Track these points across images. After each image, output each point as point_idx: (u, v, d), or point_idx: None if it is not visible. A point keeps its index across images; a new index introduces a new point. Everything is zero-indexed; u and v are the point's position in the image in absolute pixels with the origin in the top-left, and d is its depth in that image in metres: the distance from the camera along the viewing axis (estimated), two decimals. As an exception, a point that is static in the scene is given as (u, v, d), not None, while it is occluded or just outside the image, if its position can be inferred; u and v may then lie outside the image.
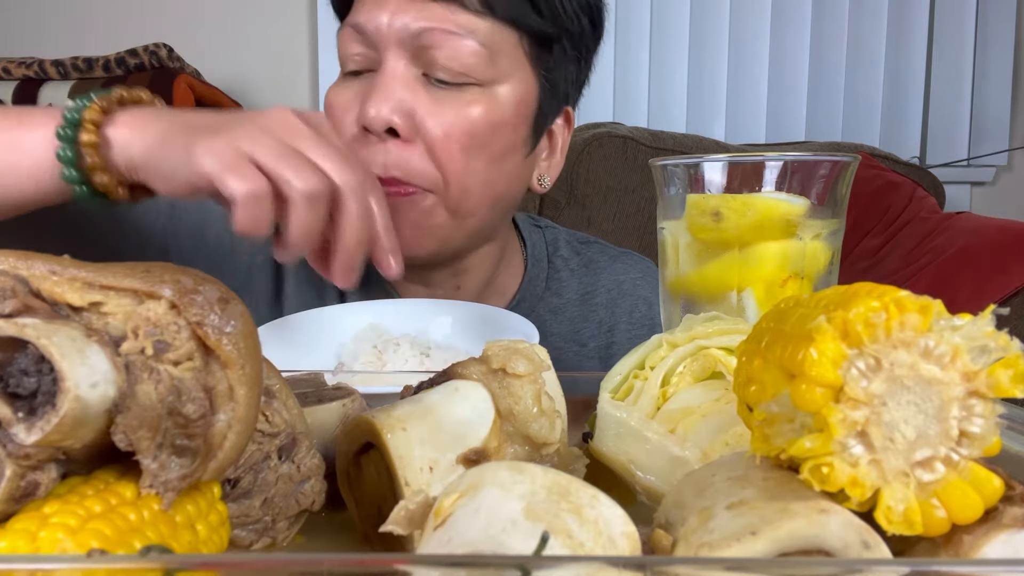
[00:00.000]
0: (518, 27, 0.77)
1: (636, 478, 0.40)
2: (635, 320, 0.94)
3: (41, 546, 0.26)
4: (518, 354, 0.40)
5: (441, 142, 0.75)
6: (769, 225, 0.53)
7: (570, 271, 0.96)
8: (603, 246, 1.00)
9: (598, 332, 0.93)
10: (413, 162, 0.75)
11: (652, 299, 0.95)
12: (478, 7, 0.74)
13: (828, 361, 0.28)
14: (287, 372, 0.43)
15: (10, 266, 0.31)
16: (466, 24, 0.74)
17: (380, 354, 0.68)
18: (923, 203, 1.94)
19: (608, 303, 0.95)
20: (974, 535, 0.29)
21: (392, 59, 0.75)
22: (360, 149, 0.76)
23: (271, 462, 0.37)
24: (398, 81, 0.75)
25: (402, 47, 0.74)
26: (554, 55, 0.80)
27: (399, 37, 0.74)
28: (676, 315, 0.57)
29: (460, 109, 0.75)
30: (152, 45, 1.87)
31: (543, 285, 0.93)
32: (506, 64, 0.77)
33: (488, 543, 0.26)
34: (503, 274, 0.92)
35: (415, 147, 0.75)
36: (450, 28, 0.73)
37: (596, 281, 0.95)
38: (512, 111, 0.78)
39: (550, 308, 0.93)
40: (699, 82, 2.29)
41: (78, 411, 0.28)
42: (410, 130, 0.74)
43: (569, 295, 0.94)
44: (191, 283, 0.31)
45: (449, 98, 0.75)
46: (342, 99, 0.78)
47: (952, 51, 2.32)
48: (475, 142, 0.76)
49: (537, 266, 0.93)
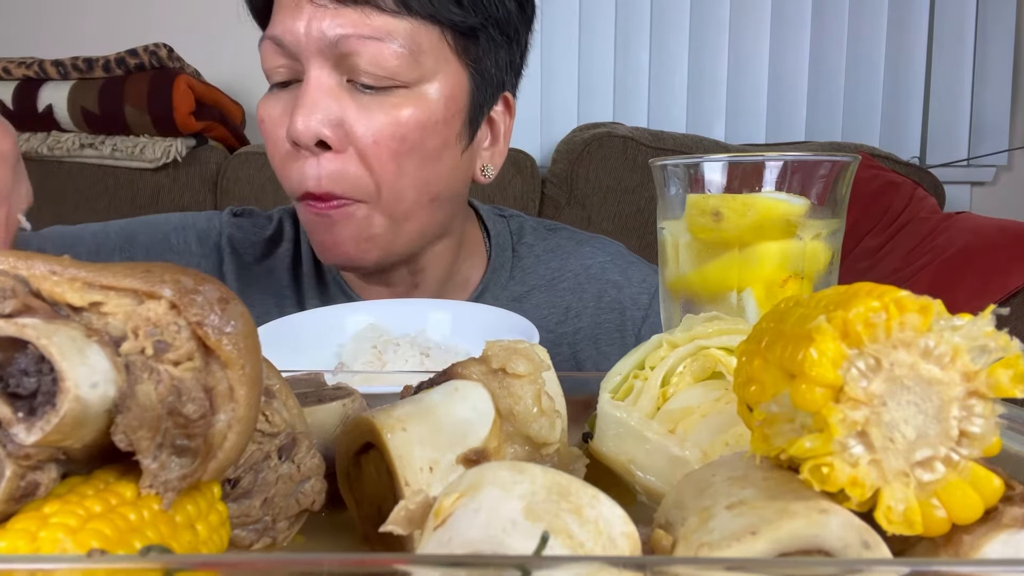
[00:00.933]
0: (439, 22, 0.75)
1: (636, 478, 0.40)
2: (603, 305, 0.93)
3: (41, 546, 0.26)
4: (518, 354, 0.40)
5: (372, 149, 0.74)
6: (769, 225, 0.53)
7: (535, 257, 0.95)
8: (571, 232, 0.99)
9: (565, 318, 0.92)
10: (346, 172, 0.75)
11: (621, 282, 0.93)
12: (394, 7, 0.73)
13: (828, 361, 0.28)
14: (287, 372, 0.43)
15: (10, 266, 0.31)
16: (384, 27, 0.72)
17: (380, 354, 0.68)
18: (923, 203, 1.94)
19: (575, 287, 0.93)
20: (974, 535, 0.29)
21: (314, 69, 0.74)
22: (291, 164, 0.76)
23: (271, 462, 0.37)
24: (322, 91, 0.73)
25: (323, 55, 0.73)
26: (481, 44, 0.79)
27: (318, 46, 0.73)
28: (676, 315, 0.57)
29: (388, 113, 0.74)
30: (152, 45, 1.87)
31: (507, 275, 0.93)
32: (431, 62, 0.75)
33: (488, 543, 0.26)
34: (463, 266, 0.91)
35: (347, 156, 0.75)
36: (367, 33, 0.72)
37: (563, 266, 0.94)
38: (442, 108, 0.77)
39: (514, 296, 0.92)
40: (699, 82, 2.29)
41: (78, 411, 0.28)
42: (340, 140, 0.74)
43: (534, 282, 0.93)
44: (191, 283, 0.31)
45: (376, 103, 0.74)
46: (272, 113, 0.77)
47: (952, 51, 2.31)
48: (405, 145, 0.75)
49: (501, 256, 0.93)
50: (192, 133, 1.93)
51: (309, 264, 0.91)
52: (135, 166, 1.92)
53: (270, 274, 0.91)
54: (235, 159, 1.93)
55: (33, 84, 1.89)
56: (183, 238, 0.91)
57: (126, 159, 1.92)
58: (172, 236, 0.91)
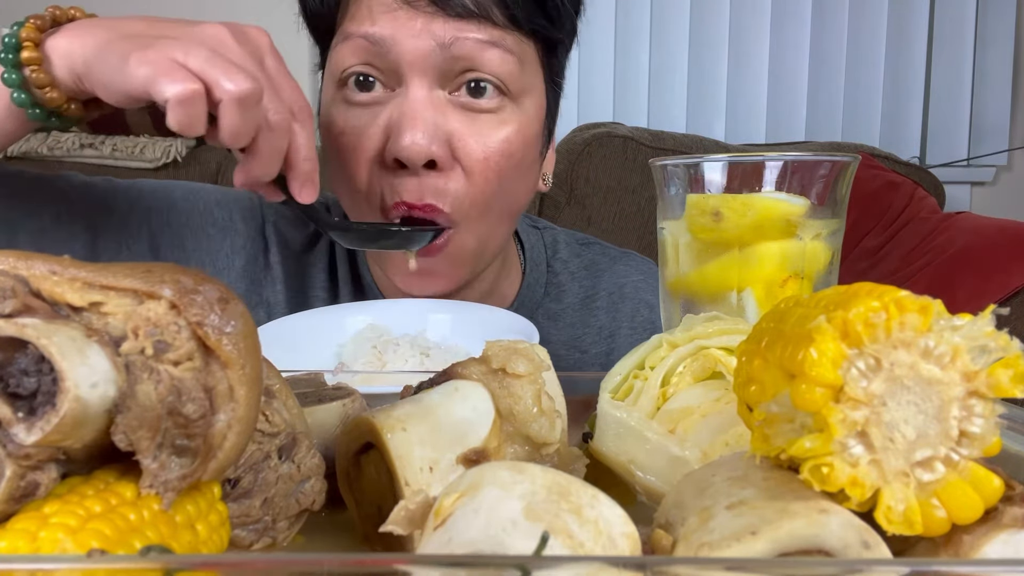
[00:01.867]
0: (536, 37, 0.75)
1: (636, 478, 0.40)
2: (637, 324, 0.92)
3: (41, 546, 0.26)
4: (518, 354, 0.40)
5: (480, 166, 0.72)
6: (769, 225, 0.53)
7: (570, 274, 0.93)
8: (603, 247, 0.98)
9: (599, 338, 0.91)
10: (447, 188, 0.72)
11: (653, 302, 0.93)
12: (504, 21, 0.71)
13: (828, 361, 0.28)
14: (287, 372, 0.43)
15: (10, 266, 0.31)
16: (498, 37, 0.71)
17: (380, 354, 0.68)
18: (923, 203, 1.94)
19: (609, 307, 0.92)
20: (974, 535, 0.29)
21: (418, 80, 0.71)
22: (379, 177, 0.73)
23: (271, 462, 0.37)
24: (430, 106, 0.71)
25: (429, 66, 0.70)
26: (558, 57, 0.79)
27: (426, 55, 0.70)
28: (676, 315, 0.57)
29: (498, 129, 0.73)
30: (152, 45, 1.87)
31: (542, 291, 0.91)
32: (529, 75, 0.75)
33: (488, 543, 0.26)
34: (504, 282, 0.89)
35: (452, 174, 0.72)
36: (485, 38, 0.71)
37: (597, 284, 0.93)
38: (536, 123, 0.77)
39: (549, 315, 0.91)
40: (699, 82, 2.30)
41: (78, 411, 0.28)
42: (446, 158, 0.71)
43: (569, 300, 0.92)
44: (191, 283, 0.31)
45: (484, 119, 0.73)
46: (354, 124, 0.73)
47: (952, 51, 2.32)
48: (512, 162, 0.74)
49: (535, 271, 0.91)
50: (192, 133, 1.93)
51: (345, 269, 0.88)
52: (135, 166, 1.92)
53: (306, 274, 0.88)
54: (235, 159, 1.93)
55: (33, 84, 1.88)
56: (227, 214, 0.86)
57: (126, 159, 1.92)
58: (215, 211, 0.86)
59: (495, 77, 0.72)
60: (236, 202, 0.87)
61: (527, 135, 0.75)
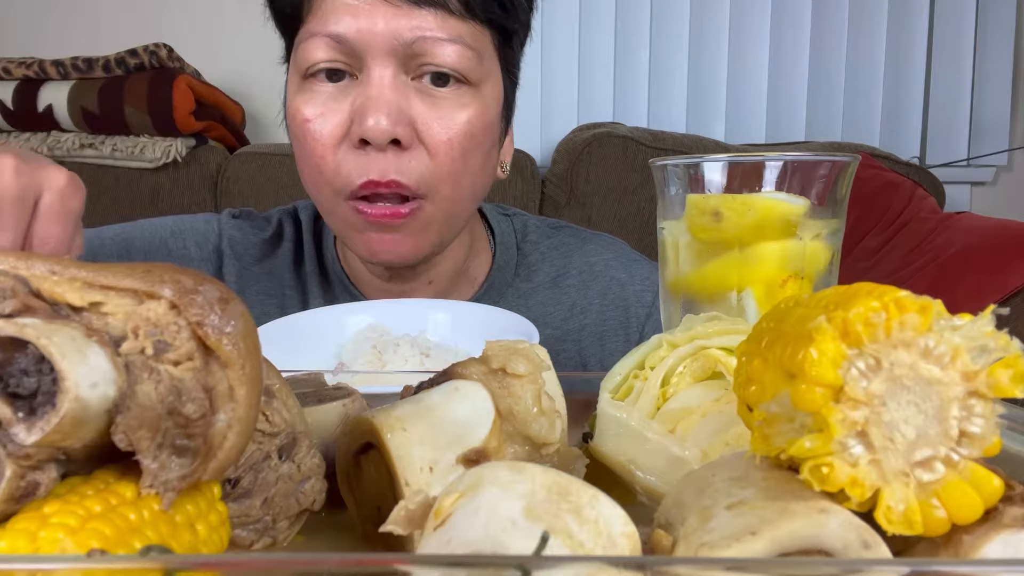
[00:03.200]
0: (492, 26, 0.79)
1: (636, 478, 0.40)
2: (608, 301, 0.94)
3: (41, 546, 0.26)
4: (518, 354, 0.40)
5: (444, 146, 0.76)
6: (769, 225, 0.53)
7: (540, 255, 0.96)
8: (575, 229, 1.01)
9: (570, 315, 0.94)
10: (412, 166, 0.76)
11: (625, 279, 0.96)
12: (461, 11, 0.75)
13: (828, 361, 0.28)
14: (287, 372, 0.43)
15: (10, 266, 0.31)
16: (454, 29, 0.75)
17: (380, 354, 0.68)
18: (923, 203, 1.94)
19: (580, 285, 0.95)
20: (974, 535, 0.29)
21: (379, 67, 0.74)
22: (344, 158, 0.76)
23: (271, 461, 0.37)
24: (393, 90, 0.74)
25: (392, 54, 0.74)
26: (513, 46, 0.83)
27: (390, 45, 0.74)
28: (676, 315, 0.57)
29: (460, 111, 0.77)
30: (152, 45, 1.87)
31: (512, 272, 0.94)
32: (486, 64, 0.79)
33: (488, 543, 0.25)
34: (472, 263, 0.93)
35: (414, 153, 0.76)
36: (443, 35, 0.74)
37: (567, 264, 0.96)
38: (495, 108, 0.81)
39: (519, 293, 0.94)
40: (699, 82, 2.29)
41: (78, 411, 0.28)
42: (410, 137, 0.75)
43: (539, 279, 0.95)
44: (191, 283, 0.31)
45: (446, 102, 0.76)
46: (320, 110, 0.76)
47: (952, 51, 2.31)
48: (473, 143, 0.78)
49: (506, 254, 0.95)
50: (192, 133, 1.93)
51: (312, 264, 0.92)
52: (135, 166, 1.92)
53: (271, 275, 0.91)
54: (235, 159, 1.93)
55: (33, 84, 1.89)
56: (181, 243, 0.91)
57: (126, 159, 1.92)
58: (170, 242, 0.91)
59: (454, 71, 0.76)
60: (191, 230, 0.92)
61: (487, 119, 0.79)
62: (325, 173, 0.78)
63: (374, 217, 0.77)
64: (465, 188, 0.80)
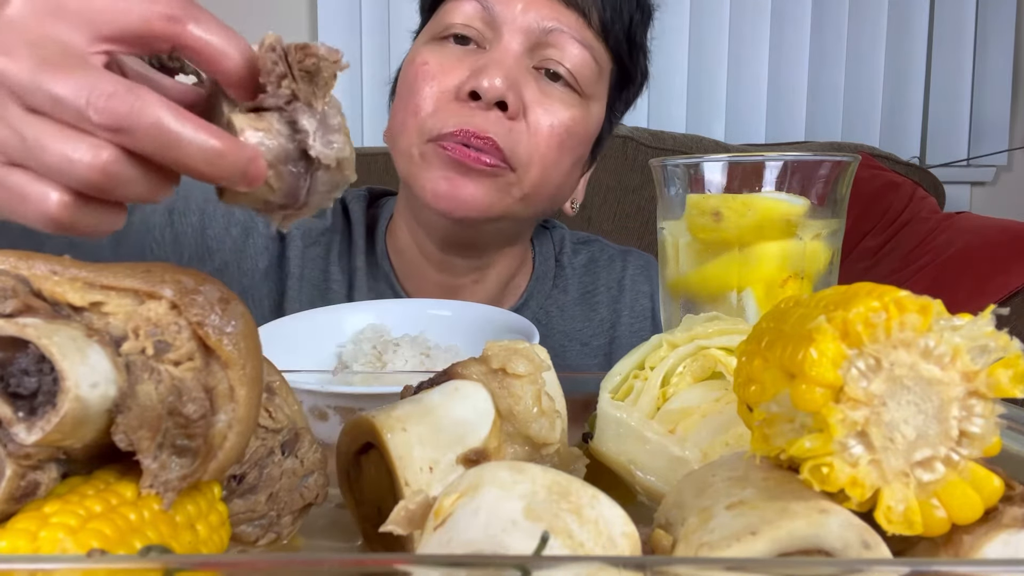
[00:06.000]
0: (615, 59, 0.83)
1: (636, 478, 0.40)
2: (637, 312, 0.96)
3: (41, 546, 0.26)
4: (518, 354, 0.40)
5: (545, 130, 0.78)
6: (769, 225, 0.53)
7: (573, 269, 0.98)
8: (603, 244, 1.02)
9: (600, 330, 0.95)
10: (511, 135, 0.76)
11: (653, 292, 0.97)
12: (600, 29, 0.79)
13: (828, 361, 0.28)
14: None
15: (11, 266, 0.31)
16: (588, 39, 0.79)
17: (380, 354, 0.68)
18: (923, 203, 1.94)
19: (609, 301, 0.96)
20: (974, 535, 0.29)
21: (511, 42, 0.77)
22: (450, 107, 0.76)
23: (275, 457, 0.37)
24: (516, 63, 0.77)
25: (526, 35, 0.77)
26: (622, 93, 0.87)
27: (528, 27, 0.77)
28: (676, 315, 0.57)
29: (564, 108, 0.79)
30: (152, 45, 1.87)
31: (550, 283, 0.95)
32: (600, 87, 0.82)
33: (488, 543, 0.26)
34: (519, 273, 0.94)
35: (516, 124, 0.77)
36: (576, 35, 0.78)
37: (596, 280, 0.97)
38: (594, 129, 0.84)
39: (558, 305, 0.95)
40: (699, 82, 2.29)
41: (78, 411, 0.28)
42: (517, 108, 0.76)
43: (573, 294, 0.96)
44: (192, 283, 0.31)
45: (558, 95, 0.79)
46: (441, 60, 0.78)
47: (952, 51, 2.31)
48: (571, 142, 0.80)
49: (545, 264, 0.96)
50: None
51: (362, 259, 0.90)
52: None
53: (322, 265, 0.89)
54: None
55: (33, 84, 1.88)
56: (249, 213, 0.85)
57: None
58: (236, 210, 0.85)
59: (572, 71, 0.78)
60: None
61: (587, 129, 0.82)
62: (420, 114, 0.77)
63: (456, 153, 0.75)
64: (550, 183, 0.80)
